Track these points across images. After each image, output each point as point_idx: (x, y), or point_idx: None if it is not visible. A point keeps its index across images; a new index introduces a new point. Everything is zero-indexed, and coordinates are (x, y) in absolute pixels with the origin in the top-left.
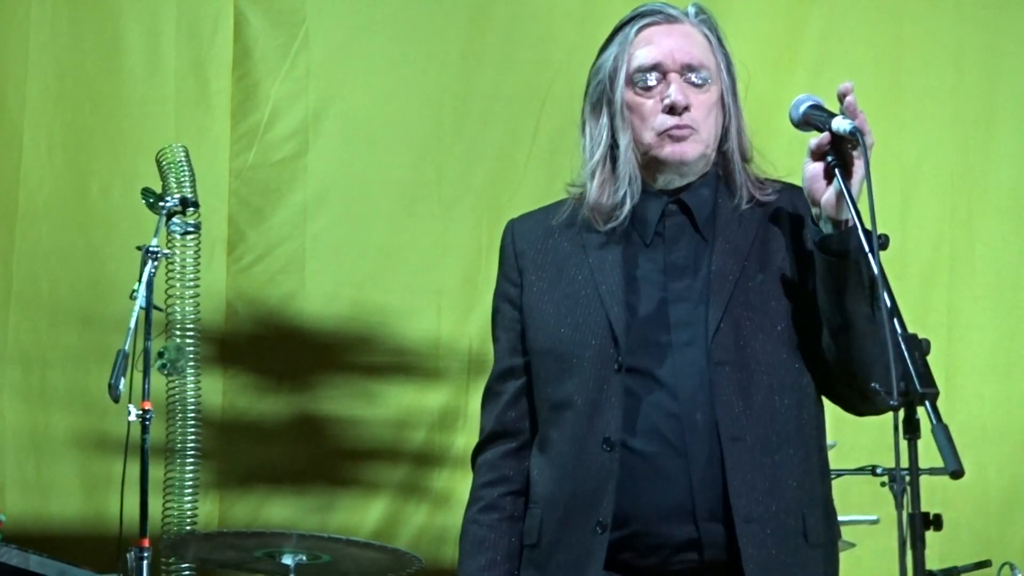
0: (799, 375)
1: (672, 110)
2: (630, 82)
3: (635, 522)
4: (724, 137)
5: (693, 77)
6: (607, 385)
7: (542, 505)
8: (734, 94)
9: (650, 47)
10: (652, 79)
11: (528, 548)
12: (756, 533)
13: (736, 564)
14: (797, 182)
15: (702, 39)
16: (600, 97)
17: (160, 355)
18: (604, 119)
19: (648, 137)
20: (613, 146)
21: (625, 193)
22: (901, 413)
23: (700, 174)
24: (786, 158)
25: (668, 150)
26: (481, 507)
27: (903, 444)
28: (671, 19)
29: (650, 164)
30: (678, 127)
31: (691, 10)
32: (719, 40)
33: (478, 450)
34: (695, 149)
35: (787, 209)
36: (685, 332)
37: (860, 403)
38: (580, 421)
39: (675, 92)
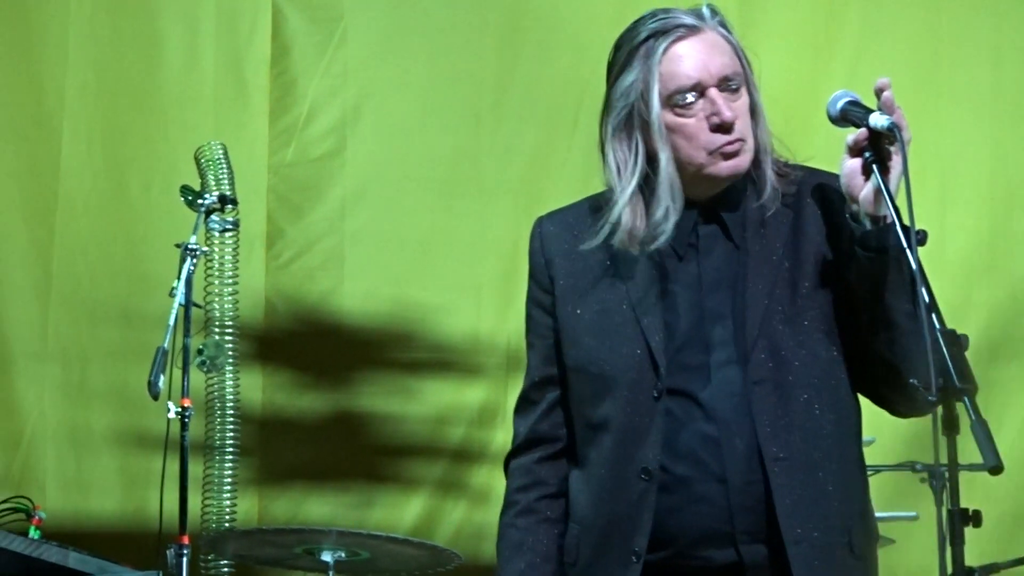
0: (838, 384)
1: (721, 127)
2: (667, 103)
3: (673, 545)
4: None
5: (729, 85)
6: (645, 412)
7: (580, 526)
8: (756, 87)
9: (684, 65)
10: (691, 97)
11: (568, 566)
12: (805, 553)
13: None
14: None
15: (725, 43)
16: (629, 119)
17: (199, 352)
18: (638, 143)
19: (699, 157)
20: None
21: (668, 208)
22: (939, 409)
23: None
24: (824, 154)
25: (724, 167)
26: (517, 511)
27: (942, 440)
28: (694, 29)
29: (698, 180)
30: (730, 143)
31: (706, 12)
32: (735, 37)
33: (512, 455)
34: (747, 159)
35: (814, 199)
36: (722, 352)
37: (902, 403)
38: (617, 446)
39: (723, 109)
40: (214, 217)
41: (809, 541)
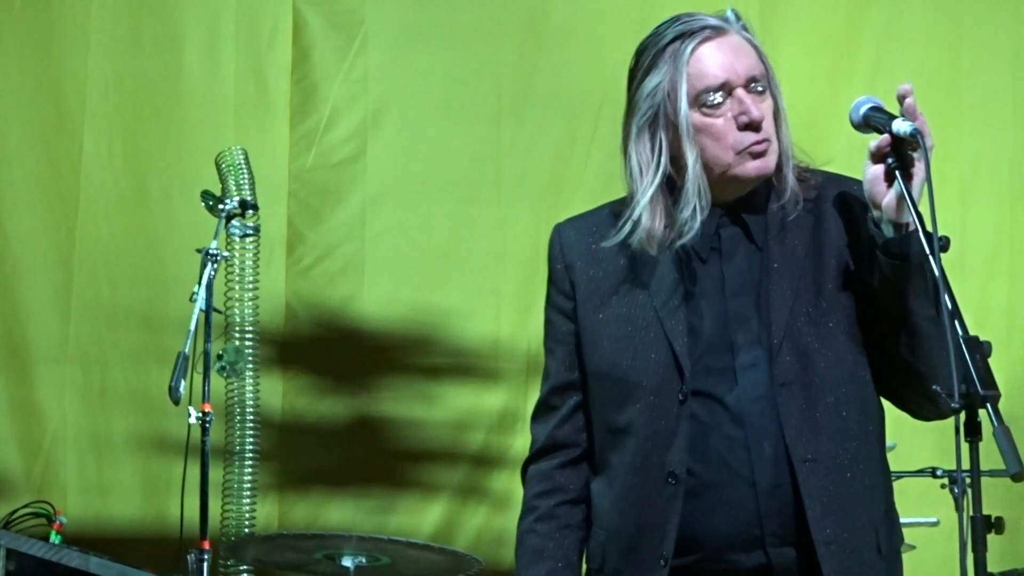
0: (863, 386)
1: (750, 126)
2: (695, 103)
3: (701, 550)
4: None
5: (756, 87)
6: (671, 416)
7: (604, 531)
8: (779, 91)
9: (711, 65)
10: (719, 97)
11: (592, 572)
12: (836, 554)
13: None
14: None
15: (749, 46)
16: (654, 120)
17: (219, 357)
18: (662, 143)
19: (727, 157)
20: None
21: (695, 208)
22: (962, 415)
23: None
24: (844, 159)
25: (751, 167)
26: (537, 517)
27: (964, 446)
28: (719, 31)
29: (724, 182)
30: (758, 143)
31: (731, 16)
32: (757, 41)
33: (530, 461)
34: (773, 160)
35: (835, 205)
36: (748, 354)
37: (925, 407)
38: (642, 451)
39: (752, 108)
40: (235, 222)
41: (839, 542)
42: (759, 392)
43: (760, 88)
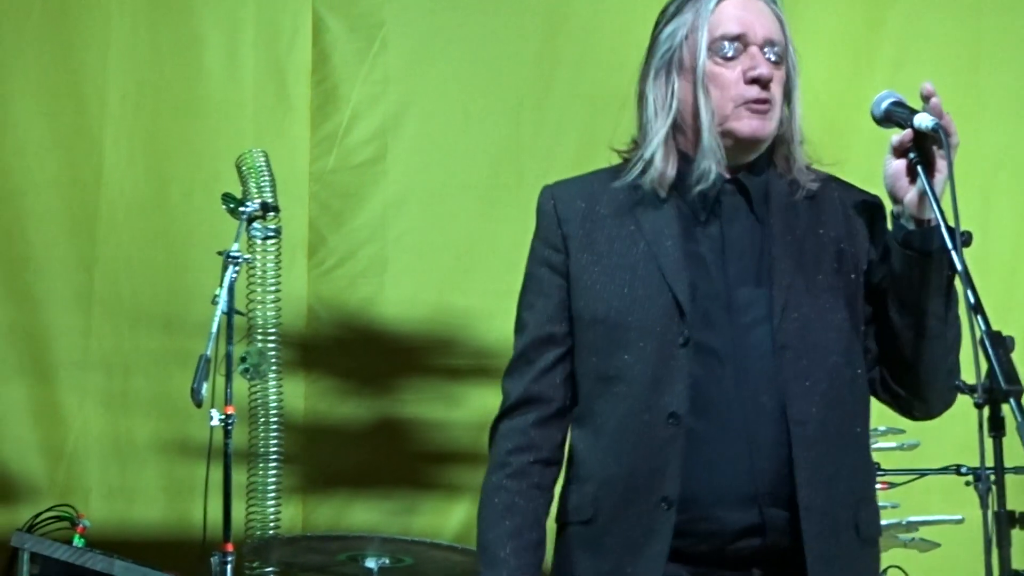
0: (854, 367)
1: (757, 82)
2: (709, 50)
3: (694, 507)
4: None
5: (770, 53)
6: (671, 359)
7: (596, 482)
8: (796, 71)
9: (732, 17)
10: (733, 49)
11: (579, 525)
12: (815, 520)
13: (796, 550)
14: (876, 180)
15: (775, 17)
16: (669, 63)
17: (242, 360)
18: (675, 85)
19: (727, 108)
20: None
21: (712, 156)
22: (985, 411)
23: (759, 153)
24: (865, 156)
25: (747, 125)
26: (509, 473)
27: (988, 442)
28: None
29: (721, 137)
30: (760, 100)
31: None
32: (785, 20)
33: (501, 417)
34: (770, 127)
35: (838, 201)
36: (748, 314)
37: (915, 405)
38: (639, 395)
39: (761, 63)
40: (256, 225)
41: (818, 509)
42: (760, 351)
43: (775, 56)
